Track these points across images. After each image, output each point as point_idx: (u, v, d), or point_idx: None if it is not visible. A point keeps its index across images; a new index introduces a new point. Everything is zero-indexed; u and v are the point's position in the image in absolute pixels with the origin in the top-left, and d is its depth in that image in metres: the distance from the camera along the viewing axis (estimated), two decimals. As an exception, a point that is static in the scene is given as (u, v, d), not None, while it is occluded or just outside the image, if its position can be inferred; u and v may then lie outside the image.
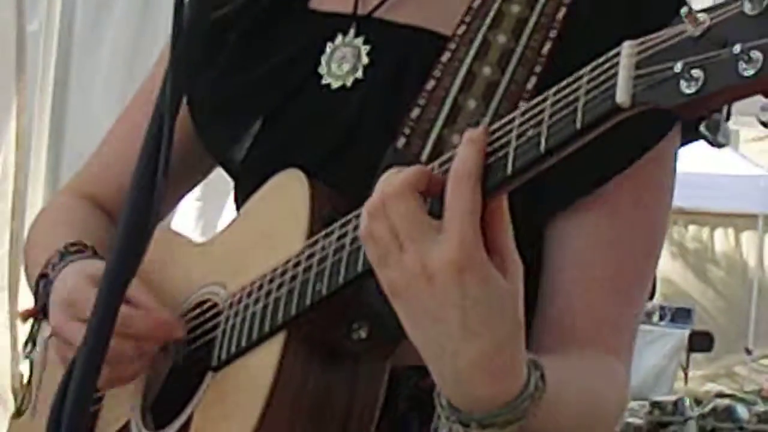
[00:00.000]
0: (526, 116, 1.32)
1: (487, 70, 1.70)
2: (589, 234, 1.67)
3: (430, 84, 1.71)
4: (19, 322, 3.56)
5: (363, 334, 1.59)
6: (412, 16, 1.83)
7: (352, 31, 1.85)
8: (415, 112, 1.70)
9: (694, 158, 12.54)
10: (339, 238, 1.54)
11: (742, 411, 7.01)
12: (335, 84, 1.82)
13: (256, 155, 1.85)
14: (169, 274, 1.94)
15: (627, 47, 1.22)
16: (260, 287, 1.68)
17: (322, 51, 1.86)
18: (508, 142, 1.33)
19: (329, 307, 1.59)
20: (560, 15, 1.70)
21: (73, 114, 5.93)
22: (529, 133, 1.31)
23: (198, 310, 1.84)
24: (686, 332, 10.42)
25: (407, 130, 1.69)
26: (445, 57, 1.72)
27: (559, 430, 1.52)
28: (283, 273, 1.64)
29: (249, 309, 1.69)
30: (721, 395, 8.02)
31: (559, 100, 1.29)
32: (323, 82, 1.83)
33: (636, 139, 1.62)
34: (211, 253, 1.95)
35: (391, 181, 1.35)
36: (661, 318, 12.02)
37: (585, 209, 1.65)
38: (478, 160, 1.31)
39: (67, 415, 1.35)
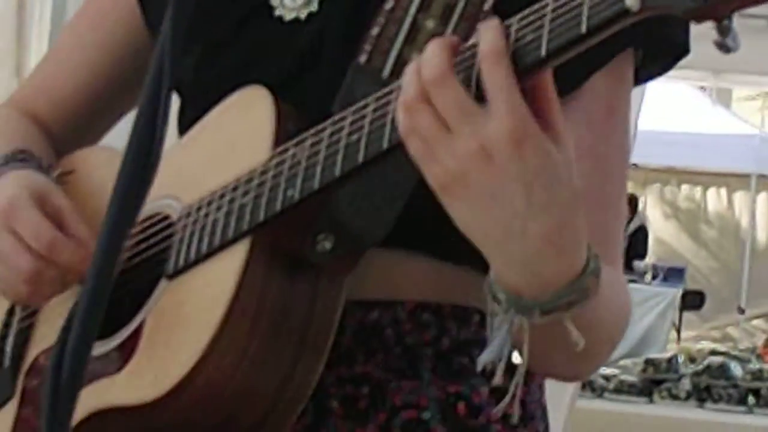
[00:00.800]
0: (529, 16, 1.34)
1: (430, 23, 1.73)
2: (579, 141, 1.65)
3: (389, 4, 1.74)
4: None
5: (327, 245, 1.61)
6: None
7: None
8: (375, 30, 1.73)
9: (687, 117, 12.56)
10: (312, 145, 1.56)
11: (736, 368, 7.06)
12: (288, 16, 1.85)
13: (204, 79, 1.85)
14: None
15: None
16: (222, 196, 1.69)
17: None
18: (539, 27, 1.35)
19: (296, 215, 1.61)
20: None
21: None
22: (535, 33, 1.34)
23: (147, 223, 1.83)
24: (679, 292, 10.55)
25: (368, 47, 1.72)
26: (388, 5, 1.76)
27: (604, 321, 1.55)
28: (249, 180, 1.65)
29: (210, 216, 1.70)
30: (715, 353, 8.04)
31: (563, 4, 1.31)
32: (275, 14, 1.86)
33: (604, 46, 1.56)
34: (161, 167, 1.73)
35: (429, 68, 1.35)
36: (654, 278, 12.21)
37: (572, 109, 1.65)
38: (502, 40, 1.34)
39: (68, 365, 1.27)
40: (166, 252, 1.81)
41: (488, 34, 1.35)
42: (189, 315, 1.70)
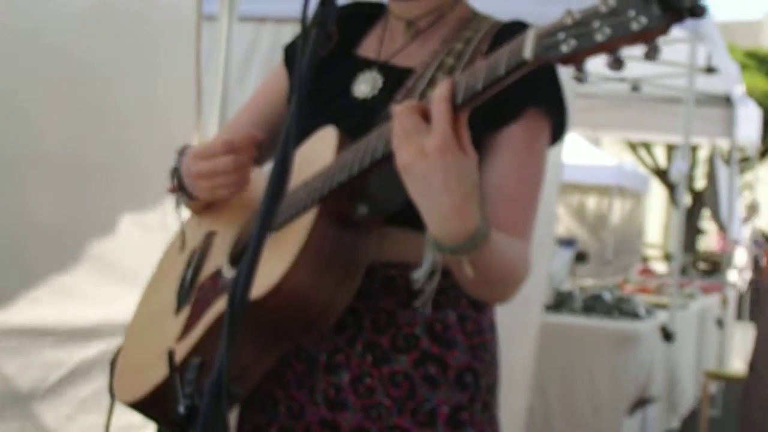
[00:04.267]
0: (470, 71, 1.68)
1: (442, 76, 2.13)
2: (502, 161, 2.12)
3: (409, 83, 2.17)
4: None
5: (364, 210, 2.00)
6: (406, 62, 2.26)
7: (375, 69, 2.28)
8: (409, 84, 2.16)
9: (574, 153, 13.84)
10: (354, 150, 1.91)
11: (606, 295, 7.96)
12: (360, 96, 2.24)
13: (308, 127, 2.13)
14: (257, 191, 2.21)
15: (532, 29, 1.57)
16: (305, 185, 2.02)
17: (356, 77, 2.27)
18: (460, 84, 1.69)
19: (345, 192, 1.95)
20: (483, 47, 2.19)
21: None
22: (470, 81, 1.67)
23: None
24: (573, 252, 11.41)
25: (400, 97, 2.14)
26: (417, 74, 2.18)
27: (493, 266, 1.90)
28: (320, 174, 1.99)
29: (298, 194, 2.03)
30: (594, 287, 9.15)
31: (492, 60, 1.63)
32: (352, 96, 2.25)
33: (519, 107, 2.10)
34: None
35: (403, 106, 1.76)
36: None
37: (500, 143, 2.11)
38: (448, 91, 1.69)
39: (243, 276, 1.53)
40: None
41: (440, 85, 1.71)
42: (281, 249, 2.00)
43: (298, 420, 2.16)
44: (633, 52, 1.47)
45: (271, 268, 1.92)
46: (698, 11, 1.39)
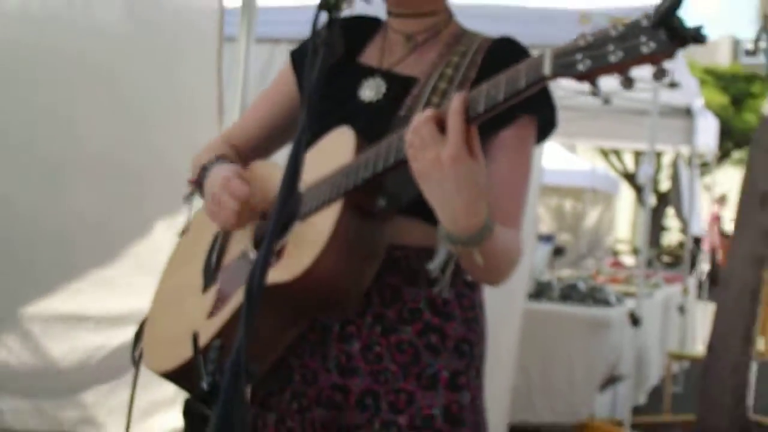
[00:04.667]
0: (491, 83, 1.71)
1: (443, 85, 2.17)
2: (497, 161, 2.13)
3: (415, 91, 2.19)
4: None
5: (383, 203, 2.02)
6: (407, 71, 2.27)
7: (378, 76, 2.28)
8: (414, 93, 2.18)
9: (552, 159, 13.90)
10: (374, 152, 1.94)
11: (581, 284, 7.98)
12: (366, 100, 2.25)
13: (319, 127, 2.15)
14: (273, 183, 2.22)
15: (549, 49, 1.61)
16: (328, 180, 2.04)
17: (361, 83, 2.28)
18: (480, 96, 1.72)
19: (366, 188, 1.98)
20: (477, 60, 2.21)
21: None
22: (492, 92, 1.70)
23: None
24: (552, 246, 11.43)
25: (408, 104, 2.17)
26: (418, 86, 2.20)
27: (496, 254, 1.94)
28: (341, 170, 2.01)
29: (322, 188, 2.05)
30: (570, 277, 8.99)
31: (510, 74, 1.67)
32: (359, 99, 2.26)
33: (512, 114, 2.05)
34: None
35: (420, 117, 1.79)
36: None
37: (495, 145, 2.12)
38: (462, 105, 1.73)
39: (258, 269, 1.53)
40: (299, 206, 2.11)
41: (455, 99, 1.74)
42: (310, 237, 2.02)
43: (311, 385, 2.16)
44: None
45: (303, 254, 1.96)
46: (700, 38, 1.46)
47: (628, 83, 1.54)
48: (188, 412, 2.10)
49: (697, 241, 14.35)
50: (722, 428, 7.07)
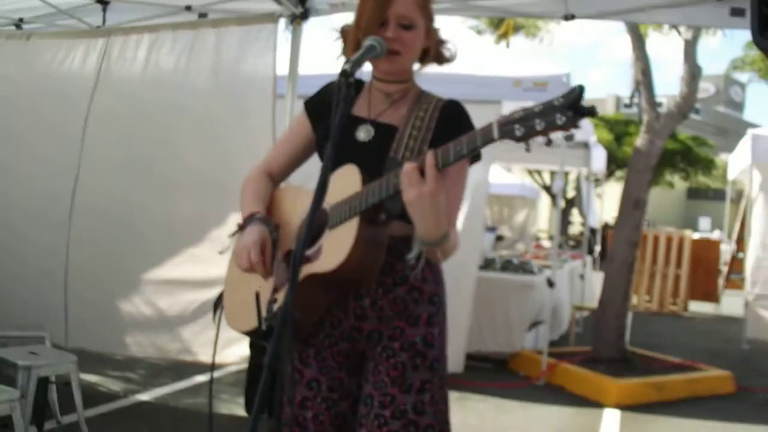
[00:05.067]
0: (457, 142, 1.82)
1: (414, 132, 2.17)
2: (448, 187, 2.06)
3: (398, 136, 2.18)
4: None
5: (384, 217, 2.04)
6: (388, 120, 2.23)
7: (368, 123, 2.23)
8: (394, 144, 2.16)
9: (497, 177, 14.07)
10: (378, 185, 1.97)
11: (515, 260, 7.98)
12: (361, 140, 2.21)
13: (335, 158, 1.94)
14: (300, 200, 2.23)
15: (495, 120, 1.76)
16: (347, 201, 2.03)
17: (357, 128, 2.22)
18: (450, 151, 1.83)
19: (374, 208, 2.00)
20: (436, 114, 2.22)
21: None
22: (458, 148, 1.82)
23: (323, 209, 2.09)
24: (495, 234, 11.54)
25: (395, 148, 2.15)
26: (399, 132, 2.19)
27: (447, 247, 2.04)
28: (355, 197, 2.02)
29: (344, 207, 2.04)
30: (508, 255, 8.99)
31: (470, 136, 1.80)
32: (355, 139, 2.21)
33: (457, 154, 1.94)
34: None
35: (408, 166, 1.88)
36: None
37: (444, 174, 1.97)
38: (434, 159, 1.84)
39: (297, 259, 1.64)
40: (326, 218, 2.08)
41: (429, 155, 1.83)
42: (340, 241, 2.01)
43: (336, 328, 2.20)
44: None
45: (338, 251, 1.99)
46: (594, 113, 1.65)
47: (548, 141, 1.70)
48: (252, 344, 2.16)
49: (593, 230, 14.38)
50: (608, 355, 7.09)
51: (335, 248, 2.00)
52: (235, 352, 4.75)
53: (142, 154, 5.22)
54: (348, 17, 2.33)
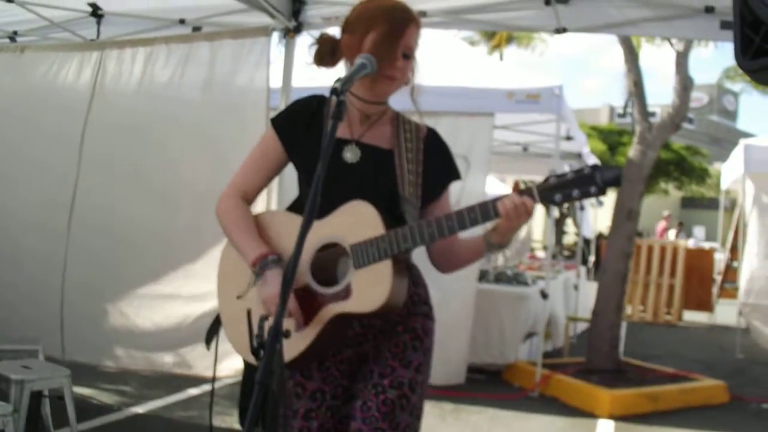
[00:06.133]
0: (540, 189, 2.03)
1: (410, 155, 2.24)
2: (445, 201, 2.31)
3: (397, 160, 2.22)
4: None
5: (409, 255, 2.22)
6: (372, 141, 2.25)
7: (353, 144, 2.23)
8: (399, 183, 2.19)
9: (492, 189, 14.10)
10: (403, 233, 2.05)
11: (508, 271, 8.05)
12: (349, 161, 2.22)
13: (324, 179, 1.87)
14: (289, 224, 2.19)
15: (535, 186, 2.02)
16: (374, 242, 2.06)
17: (342, 149, 2.22)
18: (547, 196, 2.01)
19: (405, 252, 2.09)
20: (422, 145, 2.29)
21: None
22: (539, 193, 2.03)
23: (332, 243, 2.13)
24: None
25: (400, 183, 2.19)
26: (396, 159, 2.23)
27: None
28: (386, 239, 2.05)
29: (371, 248, 2.06)
30: (503, 267, 8.92)
31: (530, 193, 2.03)
32: (343, 160, 2.21)
33: (447, 183, 2.31)
34: (325, 225, 2.12)
35: (516, 201, 2.04)
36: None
37: (442, 195, 2.30)
38: (531, 201, 2.03)
39: (276, 328, 1.62)
40: (346, 257, 2.10)
41: (528, 200, 2.02)
42: (376, 280, 2.05)
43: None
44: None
45: (376, 292, 2.04)
46: (618, 183, 1.94)
47: (599, 201, 1.83)
48: (246, 363, 2.16)
49: (587, 241, 14.39)
50: (602, 366, 7.10)
51: (371, 289, 2.04)
52: (230, 365, 4.72)
53: (138, 166, 5.24)
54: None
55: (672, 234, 20.17)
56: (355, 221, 2.06)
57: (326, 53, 2.26)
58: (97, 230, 5.34)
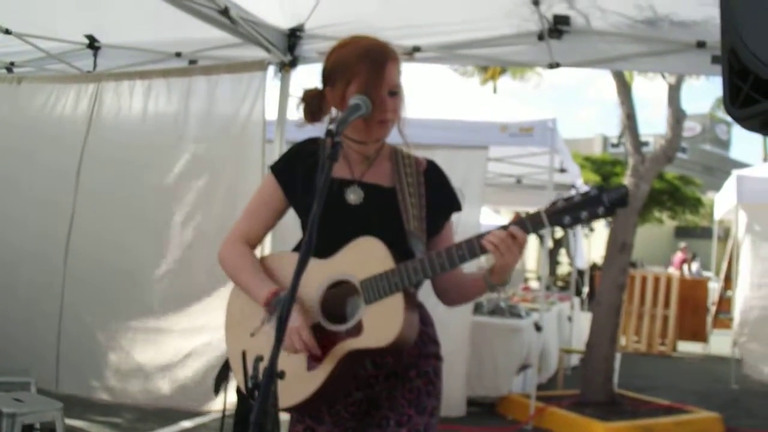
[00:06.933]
0: (531, 219, 2.01)
1: (412, 189, 2.24)
2: (447, 232, 2.32)
3: (399, 197, 2.20)
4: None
5: (417, 289, 2.20)
6: (373, 179, 2.25)
7: (356, 185, 2.23)
8: (404, 217, 2.17)
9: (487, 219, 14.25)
10: (413, 266, 2.05)
11: (503, 303, 7.90)
12: (353, 203, 2.21)
13: (327, 222, 1.93)
14: (311, 271, 1.91)
15: (543, 211, 2.00)
16: (384, 277, 2.06)
17: (344, 191, 2.21)
18: (527, 223, 2.01)
19: (413, 286, 2.11)
20: (422, 179, 2.29)
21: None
22: (536, 223, 2.00)
23: (341, 281, 2.13)
24: None
25: (406, 218, 2.18)
26: (399, 195, 2.22)
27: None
28: (396, 273, 2.05)
29: (380, 283, 2.06)
30: (496, 298, 9.52)
31: (533, 219, 2.00)
32: (347, 202, 2.20)
33: (449, 214, 2.33)
34: (333, 263, 2.13)
35: (508, 234, 2.02)
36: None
37: (445, 225, 2.32)
38: (522, 232, 2.01)
39: (285, 310, 1.66)
40: (355, 293, 2.10)
41: (520, 232, 2.00)
42: (387, 315, 2.03)
43: (354, 379, 2.20)
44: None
45: (387, 326, 2.02)
46: (625, 203, 1.93)
47: (590, 228, 1.85)
48: (239, 395, 2.17)
49: (581, 272, 14.44)
50: (596, 398, 7.10)
51: (383, 323, 2.03)
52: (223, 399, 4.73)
53: (135, 199, 5.30)
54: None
55: (695, 267, 20.15)
56: (364, 257, 2.06)
57: (315, 110, 2.24)
58: (93, 262, 5.38)
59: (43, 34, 5.59)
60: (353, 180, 2.22)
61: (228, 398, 2.44)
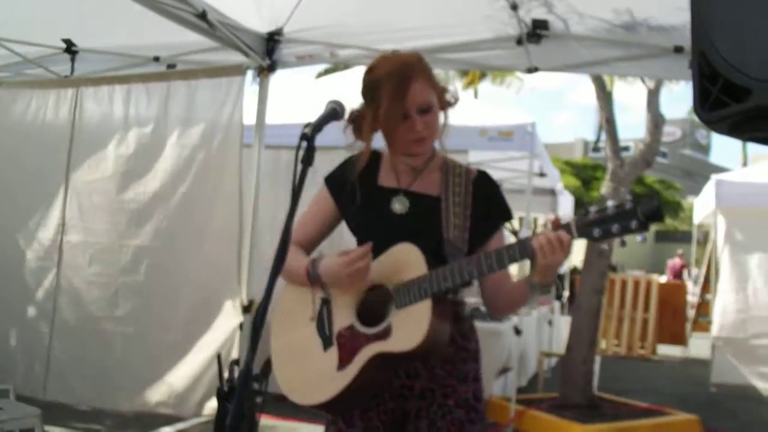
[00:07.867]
0: (574, 227, 1.98)
1: (457, 199, 2.23)
2: (498, 241, 2.27)
3: (443, 206, 2.21)
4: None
5: (451, 297, 2.18)
6: (420, 189, 2.27)
7: (401, 194, 2.26)
8: (444, 225, 2.18)
9: None
10: (444, 272, 2.04)
11: (482, 308, 8.01)
12: (397, 212, 2.24)
13: (372, 231, 2.18)
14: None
15: (572, 221, 1.98)
16: (415, 283, 2.07)
17: (390, 200, 2.24)
18: (572, 229, 1.98)
19: (445, 291, 2.08)
20: (471, 188, 2.27)
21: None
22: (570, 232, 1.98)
23: (378, 285, 2.17)
24: None
25: (446, 227, 2.18)
26: (443, 204, 2.22)
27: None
28: (424, 279, 2.06)
29: (412, 289, 2.07)
30: (476, 303, 9.49)
31: (567, 230, 1.99)
32: (392, 211, 2.23)
33: (498, 224, 2.30)
34: (372, 267, 2.15)
35: (556, 236, 2.00)
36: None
37: (495, 234, 2.29)
38: (568, 236, 1.98)
39: (262, 308, 1.71)
40: (390, 297, 2.11)
41: (565, 236, 1.98)
42: (414, 321, 2.04)
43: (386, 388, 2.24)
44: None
45: (414, 331, 2.02)
46: (661, 217, 1.83)
47: (623, 243, 1.97)
48: (219, 400, 2.17)
49: (561, 276, 14.48)
50: (576, 401, 7.08)
51: (410, 329, 2.03)
52: (211, 404, 4.78)
53: (123, 204, 5.29)
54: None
55: (695, 272, 20.15)
56: (400, 263, 2.09)
57: (362, 128, 2.25)
58: (84, 272, 5.37)
59: (20, 39, 5.55)
60: (399, 189, 2.27)
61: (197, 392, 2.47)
